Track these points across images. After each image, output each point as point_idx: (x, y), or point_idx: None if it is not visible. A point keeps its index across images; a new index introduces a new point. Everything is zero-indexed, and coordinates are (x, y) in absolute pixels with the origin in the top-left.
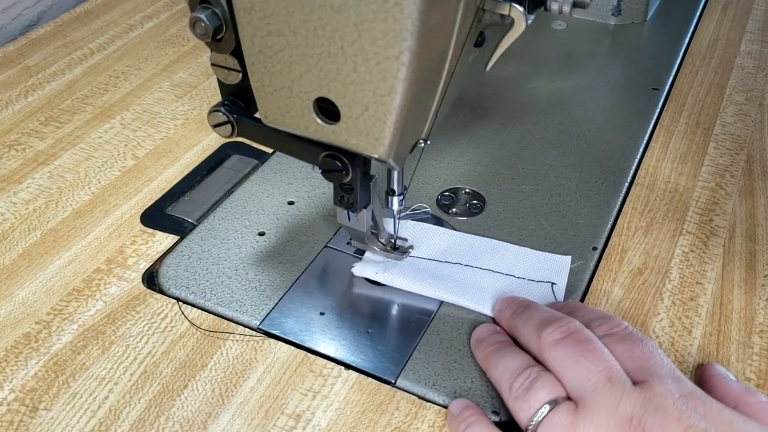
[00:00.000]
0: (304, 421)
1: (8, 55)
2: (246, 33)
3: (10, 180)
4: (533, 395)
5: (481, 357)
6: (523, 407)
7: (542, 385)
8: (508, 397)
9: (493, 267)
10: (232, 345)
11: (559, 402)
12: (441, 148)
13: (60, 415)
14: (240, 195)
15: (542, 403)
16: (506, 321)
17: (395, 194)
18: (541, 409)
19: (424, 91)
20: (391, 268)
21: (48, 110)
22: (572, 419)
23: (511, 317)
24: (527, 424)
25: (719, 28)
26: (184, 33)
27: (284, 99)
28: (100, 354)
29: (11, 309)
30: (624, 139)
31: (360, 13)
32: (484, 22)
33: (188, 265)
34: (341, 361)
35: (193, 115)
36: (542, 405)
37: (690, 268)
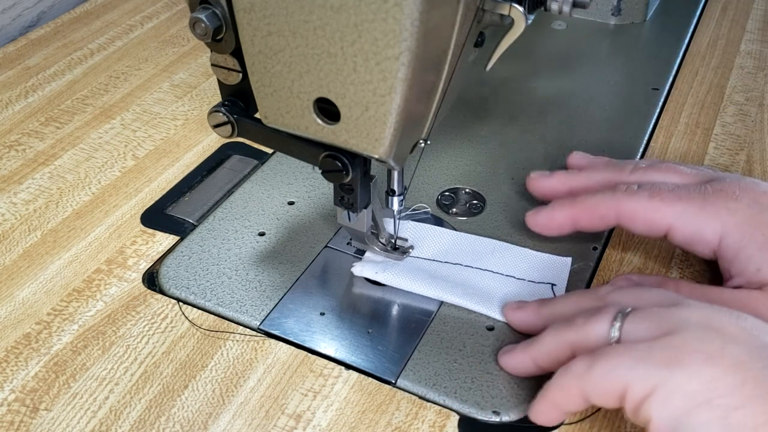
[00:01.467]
0: (304, 421)
1: (8, 55)
2: (246, 33)
3: (10, 180)
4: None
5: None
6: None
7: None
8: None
9: (494, 268)
10: (233, 345)
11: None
12: (441, 148)
13: (60, 416)
14: (240, 195)
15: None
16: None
17: (395, 194)
18: (620, 313)
19: (424, 92)
20: (391, 268)
21: (48, 111)
22: (668, 307)
23: (539, 308)
24: (608, 334)
25: (719, 28)
26: (184, 33)
27: (284, 99)
28: (100, 354)
29: (11, 309)
30: (624, 139)
31: (360, 14)
32: (484, 22)
33: (188, 265)
34: (341, 361)
35: (193, 115)
36: (619, 310)
37: (690, 268)
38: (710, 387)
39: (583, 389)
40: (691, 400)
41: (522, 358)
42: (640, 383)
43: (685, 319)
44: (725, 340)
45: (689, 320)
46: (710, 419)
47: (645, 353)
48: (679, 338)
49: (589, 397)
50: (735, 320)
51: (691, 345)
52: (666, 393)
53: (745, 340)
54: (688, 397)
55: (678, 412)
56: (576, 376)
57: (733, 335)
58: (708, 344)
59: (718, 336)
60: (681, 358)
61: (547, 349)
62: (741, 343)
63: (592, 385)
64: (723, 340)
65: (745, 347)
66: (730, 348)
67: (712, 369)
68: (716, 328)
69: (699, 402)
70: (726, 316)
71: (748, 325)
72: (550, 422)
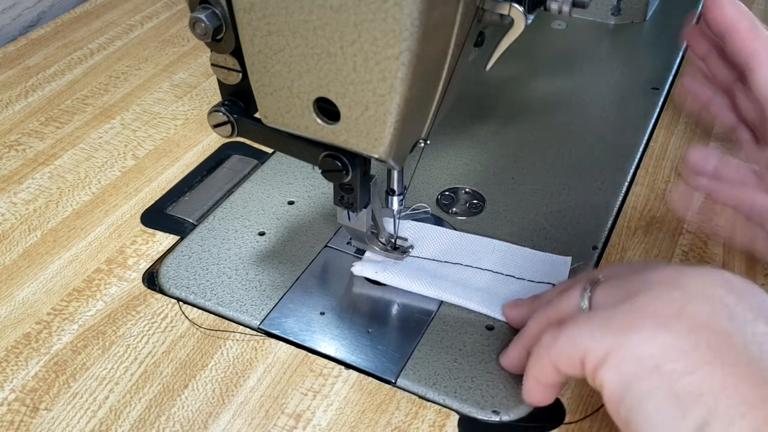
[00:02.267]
0: (304, 421)
1: (8, 55)
2: (246, 33)
3: (10, 180)
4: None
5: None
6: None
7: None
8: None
9: (494, 267)
10: (233, 345)
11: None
12: (441, 148)
13: (60, 415)
14: (240, 195)
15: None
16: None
17: (395, 194)
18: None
19: (423, 91)
20: (391, 268)
21: (48, 110)
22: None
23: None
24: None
25: None
26: (184, 33)
27: (284, 99)
28: (100, 354)
29: (11, 309)
30: (624, 138)
31: (360, 13)
32: (484, 21)
33: (188, 265)
34: (341, 360)
35: (193, 115)
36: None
37: None
38: (661, 352)
39: (552, 360)
40: (641, 365)
41: (516, 351)
42: (596, 349)
43: (651, 280)
44: (688, 297)
45: (655, 280)
46: (657, 385)
47: (604, 320)
48: (641, 300)
49: (558, 366)
50: (705, 276)
51: (649, 307)
52: (619, 358)
53: (711, 297)
54: (639, 363)
55: (628, 377)
56: (545, 348)
57: (698, 292)
58: (667, 305)
59: (681, 294)
60: (637, 322)
61: (533, 332)
62: (704, 301)
63: (558, 355)
64: (685, 297)
65: (709, 305)
66: (691, 307)
67: (665, 334)
68: (681, 284)
69: (649, 367)
70: (695, 271)
71: (720, 280)
72: (542, 399)
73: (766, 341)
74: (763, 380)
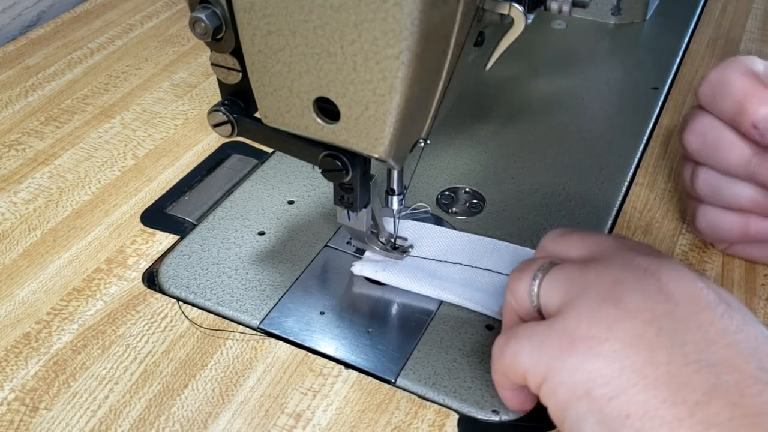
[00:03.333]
0: (304, 421)
1: (8, 55)
2: (246, 33)
3: (10, 180)
4: (529, 263)
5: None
6: (520, 276)
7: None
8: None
9: (493, 267)
10: (233, 344)
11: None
12: (441, 148)
13: (60, 415)
14: (240, 195)
15: (541, 264)
16: None
17: (395, 194)
18: (540, 269)
19: (423, 91)
20: (391, 268)
21: (48, 110)
22: (581, 266)
23: None
24: (529, 291)
25: (719, 27)
26: (184, 33)
27: (284, 99)
28: (100, 354)
29: (11, 309)
30: (624, 138)
31: (360, 13)
32: (484, 21)
33: (188, 264)
34: (341, 360)
35: (193, 114)
36: (542, 265)
37: (690, 267)
38: (590, 377)
39: (502, 370)
40: (573, 391)
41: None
42: (534, 371)
43: (590, 285)
44: (619, 315)
45: (592, 286)
46: (588, 410)
47: (541, 339)
48: (574, 316)
49: (508, 377)
50: (642, 284)
51: (582, 327)
52: (554, 383)
53: (642, 311)
54: (570, 389)
55: (564, 403)
56: (495, 358)
57: (630, 307)
58: (598, 325)
59: (614, 309)
60: (569, 346)
61: (506, 320)
62: (635, 317)
63: (506, 367)
64: (617, 315)
65: (638, 321)
66: (621, 326)
67: (593, 360)
68: (615, 298)
69: (580, 393)
70: (633, 278)
71: (655, 288)
72: (522, 404)
73: (692, 350)
74: (681, 399)
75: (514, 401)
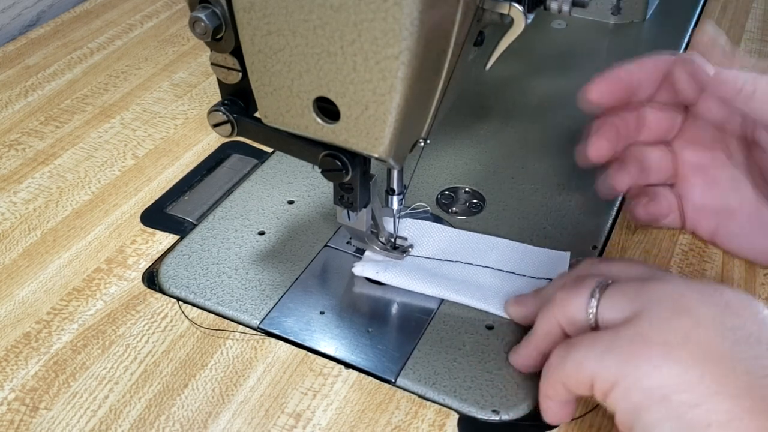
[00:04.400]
0: (304, 420)
1: (8, 54)
2: (246, 32)
3: (10, 180)
4: (582, 282)
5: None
6: (576, 293)
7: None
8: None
9: (493, 264)
10: (233, 344)
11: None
12: (441, 148)
13: (60, 415)
14: (240, 194)
15: (597, 282)
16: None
17: (395, 193)
18: (597, 287)
19: (423, 91)
20: (391, 268)
21: (48, 110)
22: (641, 283)
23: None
24: (586, 308)
25: (718, 27)
26: (183, 32)
27: (284, 98)
28: (100, 353)
29: (11, 308)
30: None
31: (359, 13)
32: (484, 21)
33: (188, 264)
34: (341, 360)
35: (192, 114)
36: (599, 283)
37: (690, 267)
38: (669, 383)
39: (561, 380)
40: (649, 395)
41: (526, 351)
42: (604, 375)
43: (656, 298)
44: (692, 324)
45: (660, 298)
46: (665, 416)
47: (610, 344)
48: (646, 324)
49: (567, 387)
50: (708, 298)
51: (654, 334)
52: (626, 387)
53: (714, 322)
54: (646, 393)
55: (637, 406)
56: (554, 368)
57: (702, 317)
58: (671, 333)
59: (686, 318)
60: (643, 351)
61: (541, 332)
62: (708, 327)
63: (566, 377)
64: (690, 324)
65: (713, 331)
66: (695, 334)
67: (671, 364)
68: (686, 308)
69: (656, 398)
70: (698, 294)
71: (721, 303)
72: (561, 417)
73: (767, 363)
74: (761, 409)
75: (558, 414)
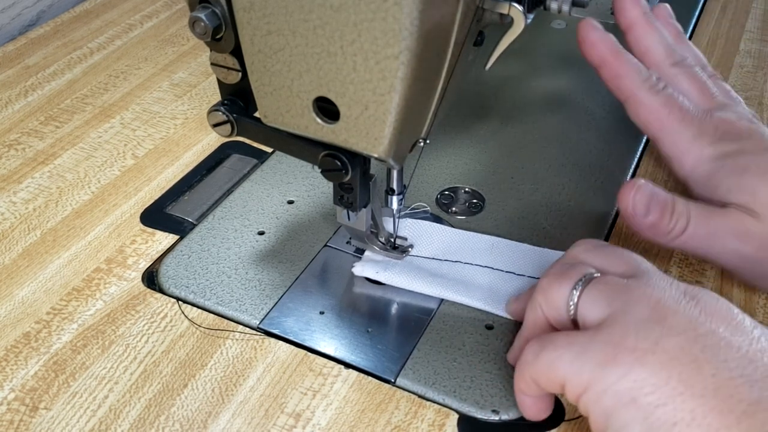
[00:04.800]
0: (304, 420)
1: (8, 54)
2: (245, 32)
3: (9, 180)
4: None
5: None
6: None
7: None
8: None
9: (493, 264)
10: (232, 344)
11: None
12: (440, 148)
13: (60, 415)
14: (240, 194)
15: (581, 274)
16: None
17: (395, 193)
18: (581, 280)
19: (423, 91)
20: (391, 268)
21: (48, 110)
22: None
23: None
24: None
25: (718, 27)
26: (183, 32)
27: (284, 98)
28: (100, 353)
29: (11, 308)
30: (624, 137)
31: (359, 13)
32: (484, 21)
33: (188, 264)
34: (341, 360)
35: (192, 114)
36: (583, 275)
37: (690, 267)
38: (637, 386)
39: (533, 377)
40: (619, 399)
41: (518, 345)
42: (575, 379)
43: (634, 302)
44: (664, 332)
45: (636, 303)
46: (633, 418)
47: (583, 348)
48: (619, 330)
49: (539, 384)
50: (683, 306)
51: (627, 340)
52: (598, 391)
53: (685, 329)
54: (616, 397)
55: (608, 410)
56: (527, 363)
57: (674, 326)
58: (644, 339)
59: (659, 327)
60: (614, 357)
61: (529, 322)
62: (680, 334)
63: (538, 374)
64: (661, 332)
65: (683, 338)
66: (666, 341)
67: (640, 369)
68: (660, 316)
69: (626, 401)
70: (674, 301)
71: (696, 310)
72: (537, 412)
73: (735, 366)
74: (728, 408)
75: (533, 409)
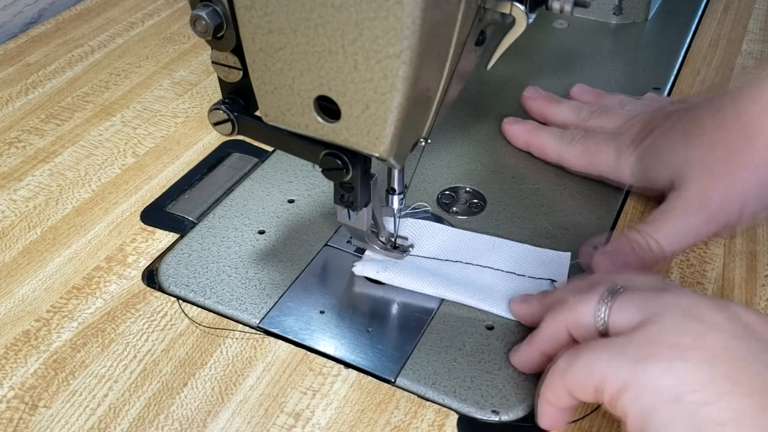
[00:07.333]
0: (303, 420)
1: (9, 52)
2: (247, 31)
3: (10, 177)
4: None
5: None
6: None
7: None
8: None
9: (494, 264)
10: (232, 343)
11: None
12: (441, 147)
13: (60, 413)
14: (240, 193)
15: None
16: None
17: (395, 193)
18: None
19: (424, 90)
20: (391, 267)
21: (48, 108)
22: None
23: (541, 300)
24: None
25: (720, 27)
26: (184, 31)
27: (285, 97)
28: (99, 352)
29: (11, 306)
30: None
31: (361, 12)
32: (485, 20)
33: (188, 263)
34: (341, 359)
35: (193, 113)
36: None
37: (690, 268)
38: (680, 383)
39: (566, 385)
40: (660, 396)
41: (528, 351)
42: (614, 378)
43: (668, 305)
44: (704, 328)
45: (672, 306)
46: (678, 415)
47: (621, 348)
48: (657, 328)
49: (572, 392)
50: (719, 308)
51: (666, 337)
52: (637, 389)
53: (726, 328)
54: (657, 393)
55: (648, 408)
56: (560, 373)
57: (714, 323)
58: (684, 335)
59: (698, 324)
60: (654, 352)
61: (547, 334)
62: (721, 331)
63: (573, 381)
64: (702, 328)
65: (725, 336)
66: (708, 338)
67: (683, 364)
68: (697, 315)
69: (668, 398)
70: (710, 303)
71: (732, 313)
72: (556, 423)
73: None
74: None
75: (551, 419)
